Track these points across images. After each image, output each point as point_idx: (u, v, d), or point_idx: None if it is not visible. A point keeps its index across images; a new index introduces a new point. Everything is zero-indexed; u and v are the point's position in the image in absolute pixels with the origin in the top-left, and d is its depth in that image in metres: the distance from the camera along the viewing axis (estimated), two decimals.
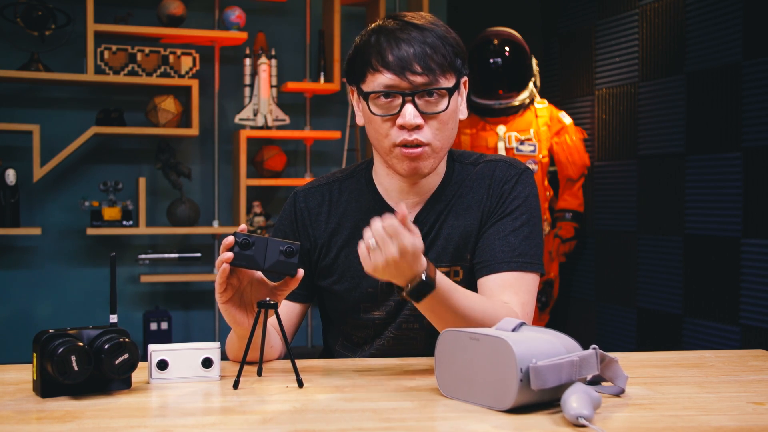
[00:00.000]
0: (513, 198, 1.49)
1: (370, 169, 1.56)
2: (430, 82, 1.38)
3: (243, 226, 1.28)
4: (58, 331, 1.16)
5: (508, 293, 1.42)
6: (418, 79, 1.37)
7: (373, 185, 1.54)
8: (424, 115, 1.39)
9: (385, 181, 1.52)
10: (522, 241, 1.45)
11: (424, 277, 1.23)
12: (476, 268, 1.47)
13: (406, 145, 1.40)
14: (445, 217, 1.51)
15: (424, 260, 1.24)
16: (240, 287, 1.30)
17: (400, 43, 1.38)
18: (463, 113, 1.48)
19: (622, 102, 3.59)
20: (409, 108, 1.38)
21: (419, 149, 1.40)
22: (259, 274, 1.30)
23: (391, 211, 1.50)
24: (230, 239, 1.24)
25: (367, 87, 1.42)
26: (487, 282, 1.45)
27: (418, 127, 1.39)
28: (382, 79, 1.39)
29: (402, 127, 1.39)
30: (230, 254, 1.24)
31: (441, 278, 1.28)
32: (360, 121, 1.49)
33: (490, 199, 1.50)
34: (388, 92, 1.39)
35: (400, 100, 1.39)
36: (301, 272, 1.27)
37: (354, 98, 1.49)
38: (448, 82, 1.40)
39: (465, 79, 1.48)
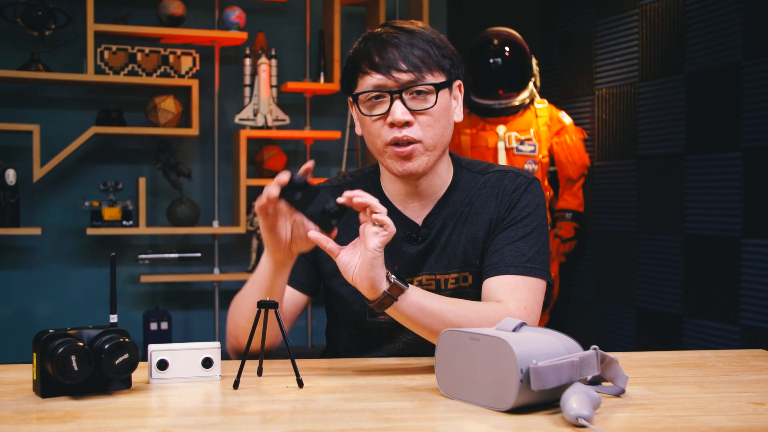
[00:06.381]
0: (523, 206, 1.51)
1: (377, 173, 1.58)
2: (416, 79, 1.41)
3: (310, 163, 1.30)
4: (58, 331, 1.16)
5: (512, 295, 1.43)
6: (404, 77, 1.41)
7: (381, 189, 1.56)
8: (413, 111, 1.42)
9: (389, 185, 1.54)
10: (531, 248, 1.47)
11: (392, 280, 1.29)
12: (484, 270, 1.49)
13: (397, 143, 1.43)
14: (454, 224, 1.52)
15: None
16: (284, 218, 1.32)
17: (386, 45, 1.42)
18: (458, 116, 1.51)
19: (622, 102, 3.59)
20: (397, 105, 1.41)
21: (410, 147, 1.42)
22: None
23: (399, 214, 1.51)
24: (285, 177, 1.26)
25: (357, 91, 1.45)
26: (492, 283, 1.45)
27: (407, 124, 1.42)
28: (370, 81, 1.43)
29: (392, 125, 1.42)
30: (276, 191, 1.26)
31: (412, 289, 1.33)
32: (359, 130, 1.51)
33: (498, 206, 1.52)
34: (376, 91, 1.42)
35: (388, 99, 1.42)
36: (334, 233, 1.29)
37: (353, 108, 1.51)
38: (435, 79, 1.43)
39: (459, 82, 1.50)
